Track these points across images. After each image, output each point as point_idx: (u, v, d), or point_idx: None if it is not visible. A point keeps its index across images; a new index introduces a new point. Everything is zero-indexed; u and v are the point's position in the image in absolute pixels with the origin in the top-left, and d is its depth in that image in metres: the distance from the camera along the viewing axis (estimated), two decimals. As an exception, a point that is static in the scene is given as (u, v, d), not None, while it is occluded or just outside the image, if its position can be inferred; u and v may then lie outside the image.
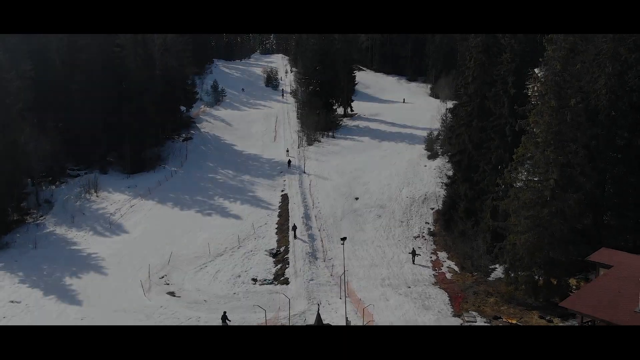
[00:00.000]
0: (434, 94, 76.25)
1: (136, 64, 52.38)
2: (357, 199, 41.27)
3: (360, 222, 37.11)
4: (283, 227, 35.54)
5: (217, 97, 76.95)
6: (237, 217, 38.30)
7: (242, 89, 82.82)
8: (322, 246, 33.15)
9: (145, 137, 51.09)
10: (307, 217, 37.29)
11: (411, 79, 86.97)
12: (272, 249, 32.62)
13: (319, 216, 37.69)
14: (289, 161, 50.29)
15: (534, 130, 24.02)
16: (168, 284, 29.27)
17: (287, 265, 30.36)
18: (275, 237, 34.39)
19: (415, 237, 35.06)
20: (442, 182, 43.02)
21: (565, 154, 23.17)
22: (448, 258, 32.57)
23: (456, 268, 31.12)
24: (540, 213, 23.46)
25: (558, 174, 23.03)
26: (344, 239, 25.12)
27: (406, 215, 38.02)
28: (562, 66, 22.76)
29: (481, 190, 30.84)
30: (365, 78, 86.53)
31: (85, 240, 36.29)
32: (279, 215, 38.01)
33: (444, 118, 53.15)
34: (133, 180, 47.36)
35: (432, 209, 39.24)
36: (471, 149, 31.73)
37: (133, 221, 38.52)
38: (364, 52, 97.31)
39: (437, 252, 33.45)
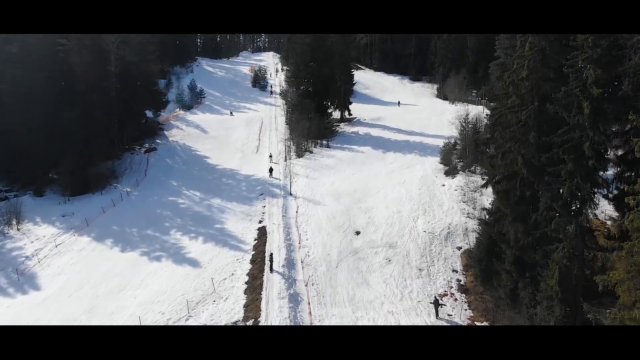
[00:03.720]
0: (441, 95, 67.60)
1: (83, 58, 42.23)
2: (358, 233, 31.17)
3: (363, 271, 26.98)
4: (256, 282, 25.31)
5: (195, 98, 66.87)
6: (194, 263, 28.01)
7: (231, 112, 64.17)
8: (310, 315, 22.92)
9: (94, 148, 40.84)
10: (290, 263, 27.12)
11: (414, 78, 78.42)
12: (237, 321, 22.32)
13: (308, 261, 27.53)
14: (271, 169, 41.31)
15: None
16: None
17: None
18: (243, 299, 24.04)
19: (441, 296, 24.96)
20: (468, 209, 33.13)
21: None
22: (491, 331, 22.49)
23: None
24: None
25: None
26: None
27: (425, 260, 27.91)
28: None
29: (544, 236, 20.80)
30: (364, 77, 77.17)
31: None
32: (252, 261, 27.77)
33: (463, 124, 43.25)
34: (72, 205, 37.17)
35: (459, 248, 29.18)
36: (526, 175, 21.66)
37: (53, 270, 28.21)
38: (363, 50, 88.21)
39: (474, 321, 23.36)
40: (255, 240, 30.23)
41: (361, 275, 26.69)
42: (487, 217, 27.32)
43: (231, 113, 62.41)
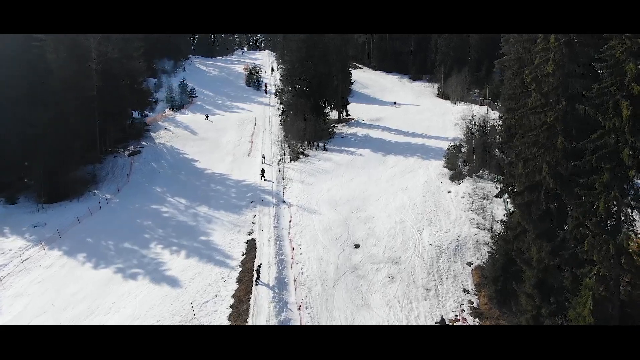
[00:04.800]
0: (443, 94, 64.98)
1: (60, 54, 39.13)
2: (357, 246, 28.24)
3: (363, 291, 24.02)
4: (241, 306, 22.28)
5: (186, 98, 63.80)
6: (174, 282, 24.96)
7: (207, 115, 56.21)
8: (303, 346, 20.00)
9: (71, 152, 37.72)
10: (281, 283, 24.13)
11: (414, 77, 75.77)
12: (218, 355, 19.40)
13: (301, 280, 24.55)
14: (263, 171, 38.82)
15: None
16: None
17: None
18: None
19: (452, 321, 22.05)
20: (477, 219, 30.24)
21: None
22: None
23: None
24: None
25: None
26: None
27: (433, 277, 24.98)
28: None
29: (573, 257, 17.90)
30: (362, 77, 74.41)
31: None
32: (239, 280, 24.75)
33: (469, 125, 40.39)
34: (45, 214, 34.05)
35: (470, 264, 26.28)
36: (552, 186, 18.75)
37: (14, 290, 25.03)
38: (360, 48, 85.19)
39: (491, 351, 20.48)
40: (243, 255, 27.22)
41: (361, 296, 23.75)
42: (502, 230, 24.45)
43: (207, 116, 54.81)
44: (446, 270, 25.59)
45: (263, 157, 43.13)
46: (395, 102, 60.92)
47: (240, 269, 25.70)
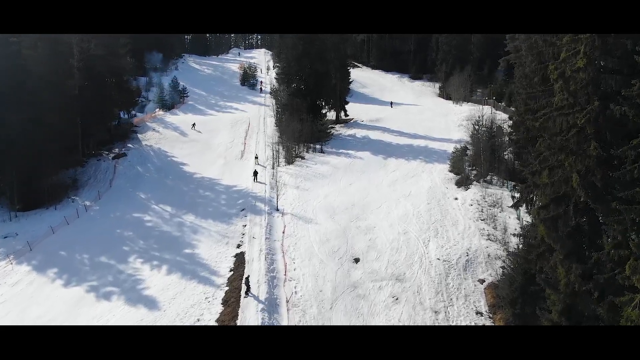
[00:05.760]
0: (444, 94, 62.70)
1: (38, 51, 36.46)
2: (357, 261, 25.63)
3: (364, 314, 21.40)
4: (226, 333, 19.69)
5: (177, 97, 61.13)
6: (152, 303, 22.25)
7: (193, 125, 49.56)
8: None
9: (49, 155, 34.99)
10: (272, 305, 21.47)
11: (414, 76, 73.40)
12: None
13: (295, 301, 21.91)
14: (255, 172, 36.70)
15: None
16: None
17: None
18: None
19: (464, 350, 19.54)
20: (488, 230, 27.70)
21: None
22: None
23: None
24: None
25: None
26: None
27: (441, 297, 22.37)
28: None
29: (610, 283, 15.32)
30: (361, 76, 71.87)
31: None
32: (225, 301, 22.02)
33: (476, 126, 37.85)
34: (18, 223, 31.38)
35: (482, 281, 23.70)
36: (584, 199, 16.18)
37: (-28, 312, 22.34)
38: (359, 46, 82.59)
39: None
40: (230, 271, 24.56)
41: (362, 319, 21.14)
42: (519, 245, 21.91)
43: (193, 126, 48.81)
44: (456, 289, 23.01)
45: (256, 157, 40.88)
46: (391, 103, 58.26)
47: (227, 288, 23.05)
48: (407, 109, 56.49)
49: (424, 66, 72.00)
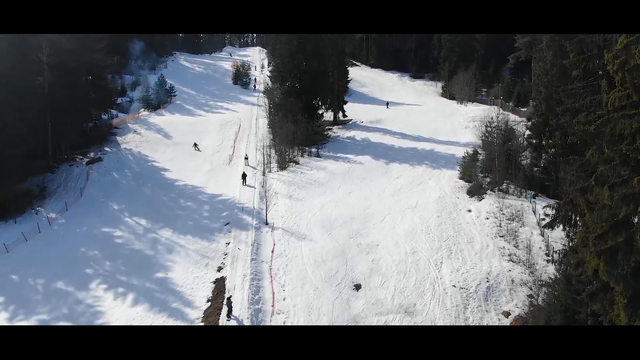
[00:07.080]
0: (447, 93, 59.49)
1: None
2: (358, 287, 21.80)
3: (367, 359, 17.68)
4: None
5: (164, 96, 57.17)
6: (110, 345, 18.50)
7: (195, 145, 41.55)
8: None
9: (10, 160, 31.02)
10: (255, 347, 17.76)
11: (415, 75, 70.21)
12: None
13: (283, 341, 18.20)
14: (244, 175, 33.69)
15: None
16: None
17: None
18: None
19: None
20: (509, 248, 23.93)
21: None
22: None
23: None
24: None
25: None
26: None
27: (460, 336, 18.63)
28: None
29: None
30: (360, 75, 68.51)
31: None
32: (198, 342, 18.34)
33: (488, 128, 34.07)
34: (-29, 239, 27.34)
35: (507, 314, 19.93)
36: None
37: None
38: (358, 44, 79.14)
39: None
40: (208, 301, 20.65)
41: (364, 365, 17.36)
42: (556, 275, 18.11)
43: (195, 146, 41.19)
44: (477, 324, 19.21)
45: (246, 158, 37.58)
46: (387, 103, 54.56)
47: (202, 324, 19.15)
48: (409, 109, 52.87)
49: (425, 65, 69.06)
